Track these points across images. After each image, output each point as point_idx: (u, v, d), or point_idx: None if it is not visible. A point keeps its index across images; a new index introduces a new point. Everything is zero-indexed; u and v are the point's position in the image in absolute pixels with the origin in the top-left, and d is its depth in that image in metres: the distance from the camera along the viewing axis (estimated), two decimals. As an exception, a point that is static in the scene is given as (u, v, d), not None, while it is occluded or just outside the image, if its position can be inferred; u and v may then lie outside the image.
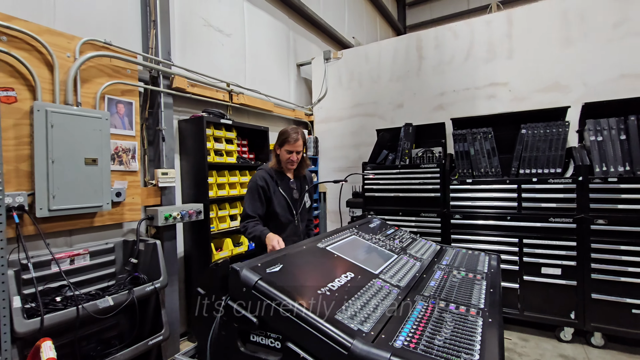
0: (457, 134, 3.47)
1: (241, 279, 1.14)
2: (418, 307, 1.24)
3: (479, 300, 1.34)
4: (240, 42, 4.02)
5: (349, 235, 1.89)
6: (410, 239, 2.19)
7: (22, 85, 2.06)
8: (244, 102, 3.76)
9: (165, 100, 2.91)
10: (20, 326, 1.68)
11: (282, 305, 1.06)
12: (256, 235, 1.98)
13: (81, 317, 1.91)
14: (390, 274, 1.50)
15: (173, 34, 3.13)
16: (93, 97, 2.39)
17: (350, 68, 4.75)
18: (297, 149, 2.15)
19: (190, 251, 3.21)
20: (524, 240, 3.11)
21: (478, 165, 3.37)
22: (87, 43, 2.36)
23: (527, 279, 3.09)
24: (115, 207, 2.51)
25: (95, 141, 2.28)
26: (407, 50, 4.29)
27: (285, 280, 1.19)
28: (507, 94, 3.72)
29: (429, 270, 1.69)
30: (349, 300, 1.17)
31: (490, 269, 1.76)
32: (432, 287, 1.45)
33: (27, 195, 2.02)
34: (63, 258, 2.17)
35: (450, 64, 4.02)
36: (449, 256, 1.97)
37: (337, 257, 1.54)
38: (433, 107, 4.16)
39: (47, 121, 2.04)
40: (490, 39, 3.78)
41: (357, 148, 4.69)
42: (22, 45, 2.06)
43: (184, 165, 3.22)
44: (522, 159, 3.18)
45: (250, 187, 2.15)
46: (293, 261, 1.37)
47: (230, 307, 1.15)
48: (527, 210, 3.09)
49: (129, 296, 2.14)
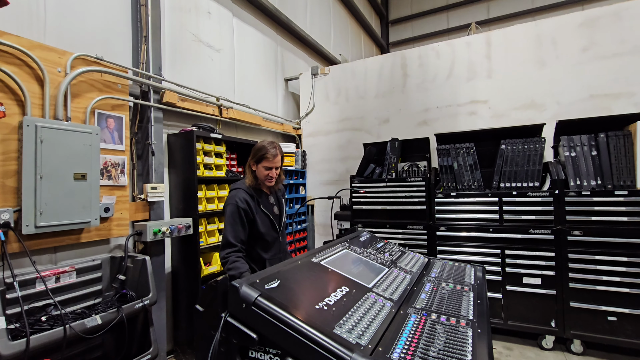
0: (441, 148, 3.61)
1: (241, 296, 1.17)
2: (411, 319, 1.30)
3: (468, 311, 1.40)
4: (229, 57, 4.08)
5: (341, 250, 1.93)
6: (400, 252, 2.26)
7: (11, 100, 2.04)
8: (233, 117, 3.80)
9: (155, 115, 2.92)
10: (5, 349, 1.63)
11: (282, 320, 1.09)
12: (235, 275, 1.84)
13: (68, 337, 1.86)
14: (382, 287, 1.55)
15: (163, 49, 3.16)
16: (83, 112, 2.38)
17: (337, 83, 4.87)
18: (276, 165, 2.08)
19: (178, 266, 3.17)
20: (505, 251, 3.23)
21: (461, 179, 3.51)
22: (78, 58, 2.37)
23: (509, 288, 3.20)
24: (103, 223, 2.48)
25: (85, 156, 2.26)
26: (392, 67, 4.46)
27: (283, 295, 1.22)
28: (487, 111, 3.90)
29: (419, 283, 1.75)
30: (346, 314, 1.21)
31: (476, 280, 1.84)
32: (424, 300, 1.51)
33: (13, 212, 1.98)
34: (49, 276, 2.12)
35: (433, 81, 4.20)
36: (437, 268, 2.04)
37: (332, 271, 1.58)
38: (417, 123, 4.30)
39: (37, 136, 2.02)
40: (470, 59, 3.98)
41: (344, 161, 4.78)
42: (12, 60, 2.05)
43: (173, 179, 3.21)
44: (502, 173, 3.33)
45: (231, 210, 1.99)
46: (290, 277, 1.40)
47: (229, 323, 1.17)
48: (508, 222, 3.22)
49: (117, 314, 2.10)
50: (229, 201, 2.04)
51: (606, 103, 3.42)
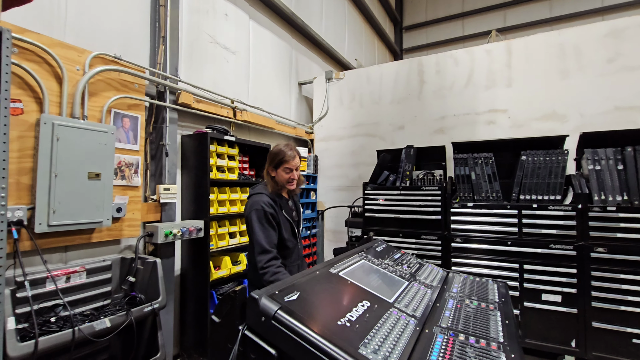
0: (459, 157, 3.52)
1: (260, 308, 1.10)
2: (438, 340, 1.22)
3: (497, 332, 1.32)
4: (245, 59, 4.06)
5: (359, 260, 1.86)
6: (418, 264, 2.18)
7: (30, 97, 2.03)
8: (247, 119, 3.77)
9: (170, 115, 2.89)
10: (13, 350, 1.59)
11: (304, 337, 1.03)
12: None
13: (76, 340, 1.82)
14: (404, 303, 1.48)
15: (180, 49, 3.15)
16: (100, 111, 2.36)
17: (351, 89, 4.82)
18: (296, 166, 2.05)
19: (187, 269, 3.13)
20: (524, 266, 3.11)
21: (479, 189, 3.41)
22: (97, 57, 2.35)
23: (527, 305, 3.07)
24: (115, 223, 2.45)
25: (99, 155, 2.24)
26: (409, 73, 4.39)
27: (303, 309, 1.16)
28: (506, 121, 3.80)
29: (441, 299, 1.67)
30: (370, 332, 1.14)
31: (501, 297, 1.75)
32: (448, 318, 1.43)
33: (27, 210, 1.95)
34: (59, 275, 2.09)
35: (451, 89, 4.12)
36: (457, 283, 1.95)
37: (351, 283, 1.51)
38: (434, 130, 4.22)
39: (53, 134, 2.00)
40: (490, 67, 3.89)
41: (356, 167, 4.71)
42: (32, 57, 2.04)
43: (185, 181, 3.18)
44: (522, 184, 3.23)
45: (258, 215, 1.93)
46: (309, 288, 1.33)
47: (246, 337, 1.11)
48: (528, 235, 3.11)
49: (126, 318, 2.06)
50: (254, 206, 1.96)
51: (632, 116, 3.30)
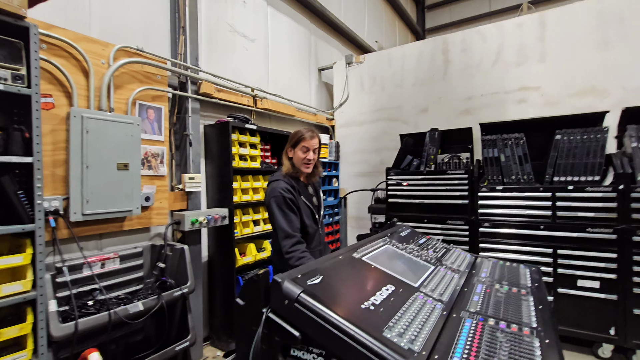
0: (487, 139, 3.37)
1: (283, 291, 1.10)
2: (466, 324, 1.18)
3: (529, 318, 1.25)
4: (263, 47, 4.04)
5: (382, 245, 1.83)
6: (444, 248, 2.11)
7: (60, 91, 2.11)
8: (267, 107, 3.76)
9: (192, 106, 2.93)
10: (56, 330, 1.70)
11: (327, 320, 1.02)
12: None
13: (112, 322, 1.91)
14: (430, 287, 1.44)
15: (200, 39, 3.17)
16: (125, 103, 2.42)
17: (372, 72, 4.70)
18: (313, 146, 2.01)
19: (214, 256, 3.21)
20: (558, 251, 2.97)
21: (509, 172, 3.26)
22: (120, 50, 2.40)
23: (561, 291, 2.94)
24: (144, 212, 2.53)
25: (127, 146, 2.30)
26: (433, 53, 4.21)
27: (326, 292, 1.15)
28: (539, 99, 3.58)
29: (469, 284, 1.61)
30: (395, 316, 1.11)
31: (534, 282, 1.67)
32: (477, 303, 1.38)
33: (62, 200, 2.05)
34: (94, 262, 2.20)
35: (478, 67, 3.92)
36: (486, 268, 1.88)
37: (374, 268, 1.48)
38: (459, 112, 4.05)
39: (83, 127, 2.08)
40: (521, 42, 3.66)
41: (378, 153, 4.62)
42: (60, 52, 2.11)
43: (209, 170, 3.24)
44: (556, 165, 3.05)
45: (277, 202, 1.92)
46: (331, 272, 1.32)
47: (270, 319, 1.11)
48: (562, 219, 2.95)
49: (158, 301, 2.15)
50: (272, 193, 1.95)
51: (683, 87, 3.01)
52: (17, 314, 1.71)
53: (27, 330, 1.62)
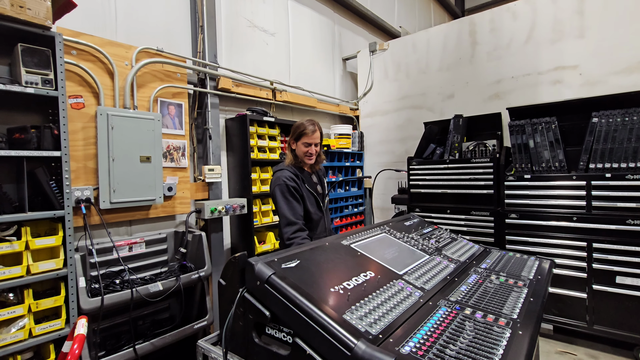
0: (515, 125, 3.15)
1: (255, 273, 1.17)
2: (439, 312, 1.16)
3: (512, 309, 1.20)
4: (284, 40, 4.10)
5: (379, 233, 1.82)
6: (450, 238, 2.05)
7: (89, 92, 2.34)
8: (287, 99, 3.84)
9: (212, 101, 3.09)
10: (84, 303, 1.93)
11: (292, 300, 1.07)
12: None
13: (135, 299, 2.13)
14: (415, 275, 1.42)
15: (220, 36, 3.31)
16: (147, 101, 2.63)
17: (396, 59, 4.57)
18: (315, 141, 2.07)
19: (236, 243, 3.39)
20: (593, 245, 2.73)
21: (539, 159, 3.03)
22: (142, 51, 2.60)
23: (597, 288, 2.71)
24: (168, 201, 2.74)
25: (148, 140, 2.50)
26: (459, 36, 4.00)
27: (299, 276, 1.19)
28: (576, 78, 3.26)
29: (464, 274, 1.57)
30: (362, 300, 1.13)
31: (537, 275, 1.58)
32: (462, 292, 1.34)
33: (93, 190, 2.30)
34: (122, 245, 2.44)
35: (508, 48, 3.65)
36: (491, 259, 1.81)
37: (360, 255, 1.50)
38: (488, 96, 3.82)
39: (108, 124, 2.30)
40: (556, 18, 3.34)
41: (403, 142, 4.51)
42: (88, 57, 2.34)
43: (231, 162, 3.40)
44: (592, 151, 2.78)
45: (281, 190, 1.99)
46: (312, 257, 1.36)
47: (246, 299, 1.19)
48: (599, 210, 2.70)
49: (176, 283, 2.34)
50: (276, 182, 2.04)
51: None
52: (55, 288, 1.97)
53: (61, 302, 1.87)
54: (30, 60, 1.79)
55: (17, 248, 1.75)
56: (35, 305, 1.79)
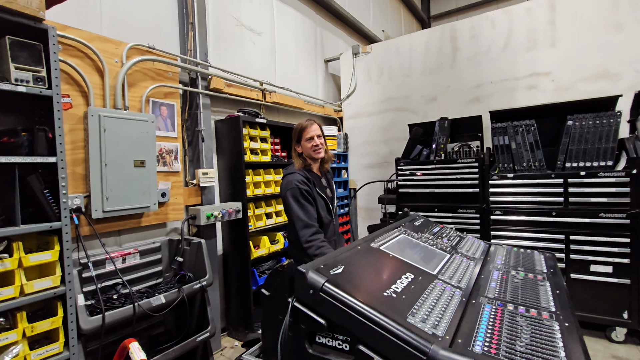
0: (497, 127, 3.35)
1: (308, 281, 1.14)
2: (486, 309, 1.21)
3: (548, 302, 1.28)
4: (270, 40, 4.03)
5: (398, 235, 1.85)
6: (458, 237, 2.14)
7: (77, 91, 2.15)
8: (276, 101, 3.78)
9: (203, 101, 2.96)
10: (85, 323, 1.76)
11: (352, 307, 1.05)
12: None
13: (137, 314, 1.98)
14: (448, 275, 1.47)
15: (208, 35, 3.17)
16: (139, 101, 2.46)
17: (379, 62, 4.67)
18: (317, 132, 2.07)
19: (229, 249, 3.28)
20: (570, 237, 2.98)
21: (520, 159, 3.25)
22: (132, 48, 2.43)
23: (574, 276, 2.96)
24: (161, 207, 2.59)
25: (142, 144, 2.35)
26: (441, 41, 4.17)
27: (349, 281, 1.18)
28: (549, 84, 3.55)
29: (485, 270, 1.64)
30: (416, 303, 1.15)
31: (549, 268, 1.69)
32: (494, 289, 1.40)
33: (83, 197, 2.11)
34: (116, 257, 2.26)
35: (487, 54, 3.88)
36: (501, 255, 1.91)
37: (393, 257, 1.52)
38: (468, 100, 4.03)
39: (100, 125, 2.12)
40: (530, 27, 3.61)
41: (387, 143, 4.62)
42: (75, 52, 2.14)
43: (222, 165, 3.28)
44: (568, 151, 3.04)
45: (293, 193, 1.96)
46: (352, 262, 1.35)
47: (296, 308, 1.15)
48: (575, 205, 2.95)
49: (179, 294, 2.21)
50: (288, 186, 2.00)
51: (699, 68, 2.96)
52: (47, 309, 1.78)
53: (58, 324, 1.69)
54: (19, 55, 1.60)
55: (9, 266, 1.55)
56: (30, 329, 1.61)
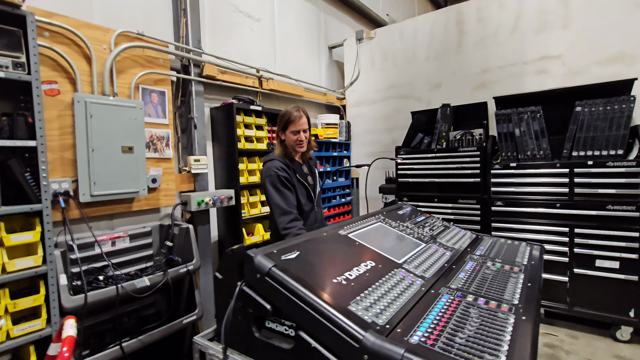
0: (501, 114, 3.20)
1: (255, 265, 1.13)
2: (442, 300, 1.15)
3: (512, 295, 1.21)
4: (269, 26, 3.98)
5: (375, 223, 1.81)
6: (443, 226, 2.06)
7: (64, 78, 2.19)
8: (273, 88, 3.74)
9: (196, 89, 2.96)
10: (66, 302, 1.83)
11: (294, 293, 1.03)
12: None
13: (120, 296, 2.04)
14: (415, 264, 1.42)
15: (203, 21, 3.16)
16: (128, 87, 2.49)
17: (383, 48, 4.53)
18: (303, 127, 2.02)
19: (224, 235, 3.32)
20: (575, 230, 2.82)
21: (524, 147, 3.09)
22: (121, 35, 2.45)
23: (578, 271, 2.82)
24: (152, 193, 2.63)
25: (130, 130, 2.38)
26: (446, 25, 3.99)
27: (300, 267, 1.16)
28: (560, 68, 3.33)
29: (460, 261, 1.57)
30: (366, 290, 1.11)
31: (530, 260, 1.60)
32: (461, 279, 1.34)
33: (72, 182, 2.17)
34: (105, 240, 2.33)
35: (494, 37, 3.68)
36: (484, 246, 1.83)
37: (359, 245, 1.48)
38: (474, 86, 3.86)
39: (87, 112, 2.16)
40: (541, 8, 3.38)
41: (390, 132, 4.51)
42: (62, 39, 2.18)
43: (217, 152, 3.30)
44: (575, 139, 2.86)
45: (272, 181, 1.94)
46: (311, 248, 1.33)
47: (245, 292, 1.14)
48: (581, 196, 2.79)
49: (164, 277, 2.25)
50: (267, 173, 1.99)
51: None
52: (33, 287, 1.85)
53: (40, 302, 1.76)
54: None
55: (-10, 245, 1.63)
56: (12, 305, 1.68)
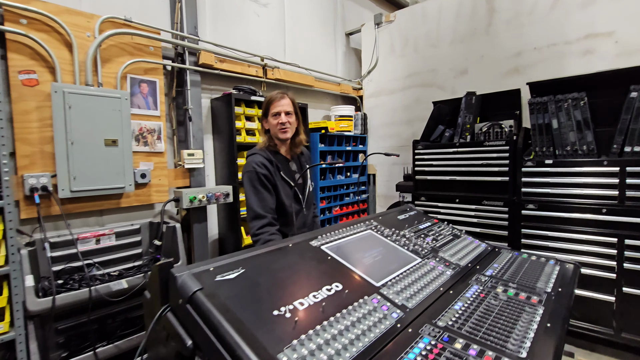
0: (536, 102, 2.74)
1: (178, 287, 0.90)
2: (419, 346, 0.86)
3: (521, 342, 0.89)
4: (278, 12, 3.73)
5: (363, 230, 1.52)
6: (451, 236, 1.73)
7: (43, 67, 2.09)
8: (279, 77, 3.50)
9: (191, 78, 2.79)
10: (32, 304, 1.72)
11: (214, 328, 0.79)
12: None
13: (94, 299, 1.91)
14: (398, 288, 1.12)
15: (204, 7, 2.99)
16: (114, 77, 2.36)
17: (404, 32, 4.13)
18: (284, 109, 1.78)
19: (225, 233, 3.16)
20: (625, 241, 2.34)
21: (563, 141, 2.62)
22: (107, 21, 2.32)
23: (627, 290, 2.34)
24: (141, 189, 2.51)
25: (115, 122, 2.25)
26: (475, 2, 3.53)
27: (236, 292, 0.91)
28: (611, 48, 2.79)
29: (462, 284, 1.25)
30: (313, 329, 0.84)
31: (557, 286, 1.25)
32: (455, 313, 1.03)
33: (51, 177, 2.07)
34: (88, 238, 2.23)
35: (530, 15, 3.18)
36: (499, 263, 1.48)
37: (331, 260, 1.20)
38: (506, 71, 3.38)
39: (65, 102, 2.04)
40: (589, -26, 2.85)
41: (410, 124, 4.13)
42: (41, 27, 2.07)
43: (218, 146, 3.13)
44: (629, 132, 2.36)
45: (249, 177, 1.75)
46: (263, 264, 1.08)
47: (168, 320, 0.92)
48: (633, 201, 2.30)
49: (143, 280, 2.11)
50: (246, 168, 1.80)
51: None
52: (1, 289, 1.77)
53: (3, 304, 1.67)
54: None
55: (-54, 244, 1.54)
56: (-28, 307, 1.59)
